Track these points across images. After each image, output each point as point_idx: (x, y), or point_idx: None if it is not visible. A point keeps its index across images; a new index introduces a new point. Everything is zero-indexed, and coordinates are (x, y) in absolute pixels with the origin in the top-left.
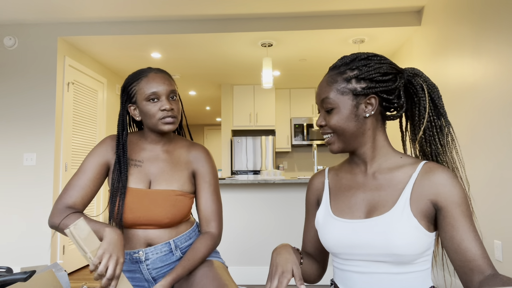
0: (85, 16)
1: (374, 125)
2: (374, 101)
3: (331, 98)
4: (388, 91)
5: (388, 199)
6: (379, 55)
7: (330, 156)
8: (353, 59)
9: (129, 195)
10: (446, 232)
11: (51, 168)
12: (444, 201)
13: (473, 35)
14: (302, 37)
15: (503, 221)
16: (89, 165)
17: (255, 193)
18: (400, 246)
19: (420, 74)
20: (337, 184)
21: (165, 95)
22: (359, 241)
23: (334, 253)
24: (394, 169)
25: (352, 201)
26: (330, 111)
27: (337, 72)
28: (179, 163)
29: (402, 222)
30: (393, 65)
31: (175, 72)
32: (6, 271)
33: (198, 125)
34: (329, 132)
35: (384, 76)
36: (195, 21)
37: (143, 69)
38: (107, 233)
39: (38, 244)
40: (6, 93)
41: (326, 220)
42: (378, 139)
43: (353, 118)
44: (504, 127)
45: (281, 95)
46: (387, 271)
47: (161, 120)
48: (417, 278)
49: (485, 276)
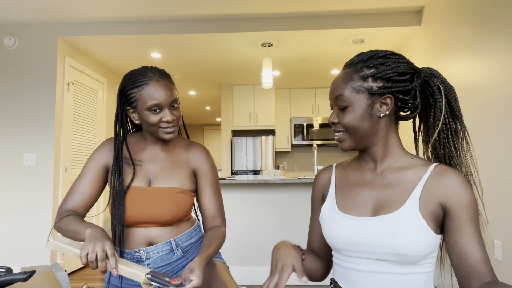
0: (85, 16)
1: (388, 125)
2: (390, 101)
3: (345, 95)
4: (405, 92)
5: (396, 198)
6: (397, 53)
7: (330, 156)
8: (371, 56)
9: (129, 194)
10: (450, 235)
11: (51, 168)
12: (453, 204)
13: (473, 35)
14: (302, 37)
15: (503, 221)
16: (88, 169)
17: (255, 193)
18: (407, 247)
19: (438, 75)
20: (344, 180)
21: (167, 106)
22: (364, 238)
23: (336, 249)
24: (404, 169)
25: (359, 198)
26: (344, 109)
27: (354, 69)
28: (179, 161)
29: (410, 222)
30: (411, 65)
31: (175, 72)
32: (6, 271)
33: (198, 125)
34: (341, 130)
35: (401, 76)
36: (195, 21)
37: (143, 72)
38: (87, 232)
39: (38, 244)
40: (6, 93)
41: (331, 215)
42: (390, 139)
43: (367, 117)
44: (504, 127)
45: (281, 95)
46: (390, 271)
47: (161, 129)
48: (420, 280)
49: (484, 282)
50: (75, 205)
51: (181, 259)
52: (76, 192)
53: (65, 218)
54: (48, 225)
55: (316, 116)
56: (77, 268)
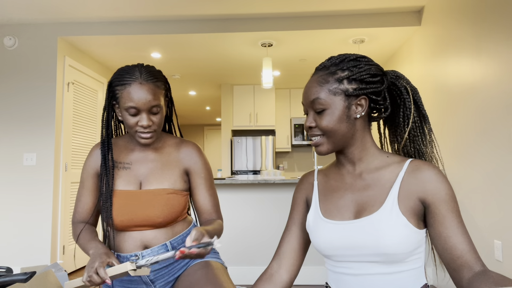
0: (85, 16)
1: (363, 126)
2: (365, 102)
3: (322, 98)
4: (377, 93)
5: (376, 199)
6: (366, 56)
7: (330, 156)
8: (342, 59)
9: (118, 197)
10: (434, 229)
11: (51, 168)
12: (431, 197)
13: (473, 35)
14: (302, 37)
15: (503, 221)
16: (84, 179)
17: (255, 193)
18: (390, 246)
19: (402, 77)
20: (326, 185)
21: (145, 110)
22: (349, 242)
23: (326, 256)
24: (381, 169)
25: (341, 202)
26: (321, 112)
27: (327, 72)
28: (169, 161)
29: (391, 221)
30: (379, 67)
31: (175, 72)
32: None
33: (198, 125)
34: (318, 134)
35: (373, 78)
36: (195, 21)
37: (131, 71)
38: (90, 256)
39: (38, 244)
40: (6, 93)
41: (316, 222)
42: (366, 140)
43: (344, 119)
44: (504, 127)
45: (281, 95)
46: (380, 271)
47: (138, 133)
48: (411, 276)
49: (475, 272)
50: (83, 217)
51: (178, 261)
52: (79, 203)
53: (80, 236)
54: (48, 225)
55: None
56: (77, 268)
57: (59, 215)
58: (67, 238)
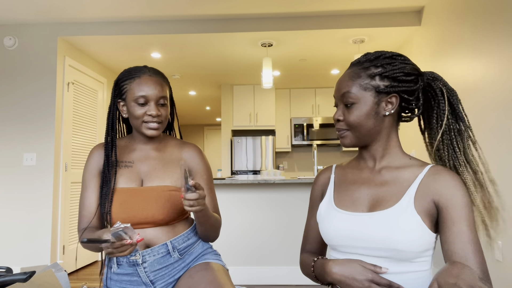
0: (85, 16)
1: (390, 125)
2: (395, 100)
3: (353, 92)
4: (409, 92)
5: (392, 195)
6: (403, 55)
7: (330, 156)
8: (378, 56)
9: (120, 195)
10: (442, 233)
11: (51, 168)
12: (445, 202)
13: (473, 35)
14: (302, 37)
15: (503, 221)
16: (86, 181)
17: (255, 193)
18: (401, 242)
19: (440, 78)
20: (342, 178)
21: (154, 100)
22: (360, 233)
23: (333, 246)
24: (401, 168)
25: (356, 195)
26: (350, 106)
27: (361, 67)
28: (171, 160)
29: (405, 218)
30: (415, 67)
31: (175, 72)
32: (6, 271)
33: (198, 125)
34: (344, 129)
35: (407, 77)
36: (195, 21)
37: (139, 68)
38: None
39: (38, 244)
40: (6, 93)
41: (328, 211)
42: (391, 139)
43: (372, 115)
44: (504, 127)
45: (281, 95)
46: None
47: (145, 123)
48: (417, 279)
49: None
50: (89, 219)
51: (178, 262)
52: (84, 208)
53: (83, 235)
54: (48, 225)
55: (316, 116)
56: (77, 268)
57: (59, 215)
58: (67, 238)
